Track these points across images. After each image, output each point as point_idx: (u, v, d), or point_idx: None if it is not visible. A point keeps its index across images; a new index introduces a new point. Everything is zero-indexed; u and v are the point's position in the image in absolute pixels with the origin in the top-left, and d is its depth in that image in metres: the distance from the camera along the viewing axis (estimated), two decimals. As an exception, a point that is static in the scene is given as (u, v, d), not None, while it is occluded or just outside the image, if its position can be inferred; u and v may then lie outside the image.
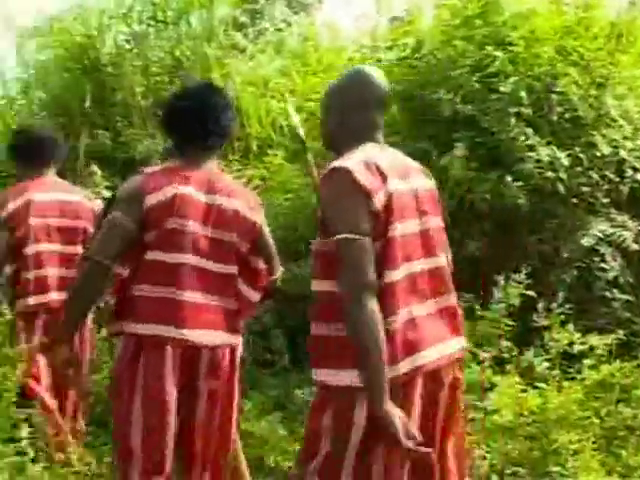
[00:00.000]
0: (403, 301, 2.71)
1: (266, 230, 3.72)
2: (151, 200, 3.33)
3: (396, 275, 2.70)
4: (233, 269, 3.52)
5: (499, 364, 4.91)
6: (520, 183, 6.30)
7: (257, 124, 9.44)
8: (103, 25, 10.79)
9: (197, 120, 3.51)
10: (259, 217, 3.66)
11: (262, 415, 5.51)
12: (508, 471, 4.43)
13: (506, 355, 4.91)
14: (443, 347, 2.82)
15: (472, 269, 6.07)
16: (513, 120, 6.44)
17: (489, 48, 6.75)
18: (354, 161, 2.73)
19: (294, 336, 6.47)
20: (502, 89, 6.54)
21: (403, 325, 2.69)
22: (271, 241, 3.74)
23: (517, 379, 4.71)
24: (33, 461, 4.08)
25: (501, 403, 4.61)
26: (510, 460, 4.45)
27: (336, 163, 2.76)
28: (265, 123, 9.38)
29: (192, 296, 3.38)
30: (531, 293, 5.08)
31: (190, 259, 3.38)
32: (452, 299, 2.94)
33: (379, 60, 7.85)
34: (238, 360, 3.64)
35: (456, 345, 2.91)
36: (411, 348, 2.70)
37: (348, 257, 2.62)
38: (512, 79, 6.55)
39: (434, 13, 7.88)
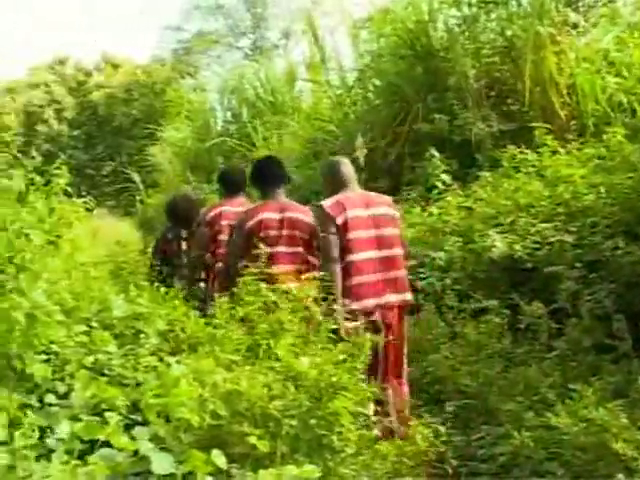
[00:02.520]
0: (360, 271, 5.05)
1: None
2: (251, 222, 5.71)
3: (354, 257, 5.07)
4: (300, 249, 5.63)
5: None
6: None
7: (592, 101, 9.17)
8: (434, 11, 10.97)
9: (269, 177, 5.97)
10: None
11: (602, 402, 5.35)
12: None
13: None
14: (383, 298, 5.05)
15: None
16: None
17: None
18: (328, 202, 5.22)
19: (637, 321, 6.23)
20: None
21: (359, 285, 5.02)
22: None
23: None
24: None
25: None
26: None
27: (322, 202, 5.28)
28: (601, 99, 9.09)
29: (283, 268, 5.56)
30: None
31: (276, 249, 5.54)
32: (399, 273, 5.20)
33: None
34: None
35: (396, 298, 5.12)
36: (361, 297, 5.00)
37: (323, 245, 5.19)
38: None
39: None
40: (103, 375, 3.95)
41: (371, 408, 3.84)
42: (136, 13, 61.28)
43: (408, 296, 5.28)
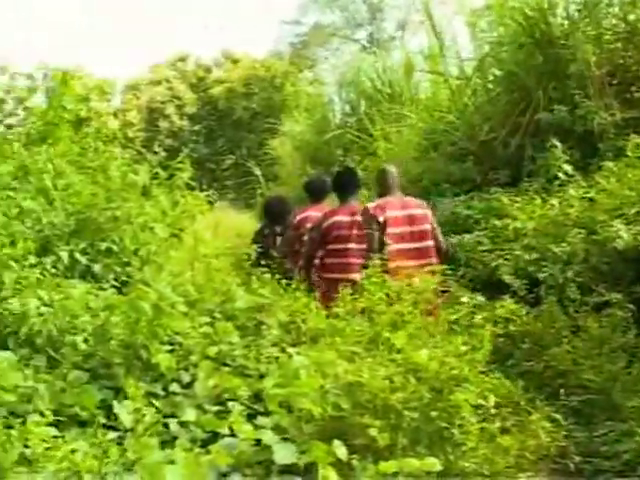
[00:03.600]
0: (395, 258, 6.12)
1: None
2: (326, 223, 7.13)
3: (392, 247, 6.36)
4: (363, 245, 6.79)
5: None
6: None
7: None
8: (554, -4, 10.73)
9: (343, 185, 7.42)
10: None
11: None
12: None
13: None
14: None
15: None
16: None
17: None
18: (373, 204, 6.81)
19: None
20: None
21: (395, 268, 5.76)
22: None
23: None
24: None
25: None
26: None
27: (368, 204, 6.93)
28: None
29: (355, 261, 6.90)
30: None
31: (348, 245, 7.03)
32: (431, 260, 6.50)
33: None
34: None
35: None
36: (397, 278, 5.23)
37: (368, 239, 6.60)
38: None
39: None
40: (226, 365, 4.05)
41: (492, 400, 3.82)
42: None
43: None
